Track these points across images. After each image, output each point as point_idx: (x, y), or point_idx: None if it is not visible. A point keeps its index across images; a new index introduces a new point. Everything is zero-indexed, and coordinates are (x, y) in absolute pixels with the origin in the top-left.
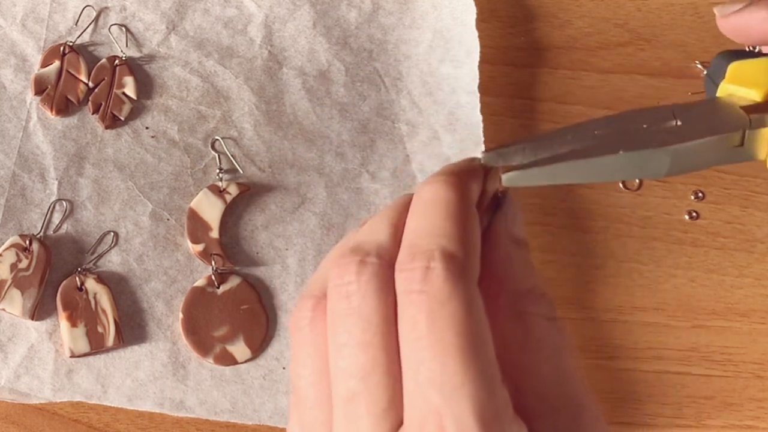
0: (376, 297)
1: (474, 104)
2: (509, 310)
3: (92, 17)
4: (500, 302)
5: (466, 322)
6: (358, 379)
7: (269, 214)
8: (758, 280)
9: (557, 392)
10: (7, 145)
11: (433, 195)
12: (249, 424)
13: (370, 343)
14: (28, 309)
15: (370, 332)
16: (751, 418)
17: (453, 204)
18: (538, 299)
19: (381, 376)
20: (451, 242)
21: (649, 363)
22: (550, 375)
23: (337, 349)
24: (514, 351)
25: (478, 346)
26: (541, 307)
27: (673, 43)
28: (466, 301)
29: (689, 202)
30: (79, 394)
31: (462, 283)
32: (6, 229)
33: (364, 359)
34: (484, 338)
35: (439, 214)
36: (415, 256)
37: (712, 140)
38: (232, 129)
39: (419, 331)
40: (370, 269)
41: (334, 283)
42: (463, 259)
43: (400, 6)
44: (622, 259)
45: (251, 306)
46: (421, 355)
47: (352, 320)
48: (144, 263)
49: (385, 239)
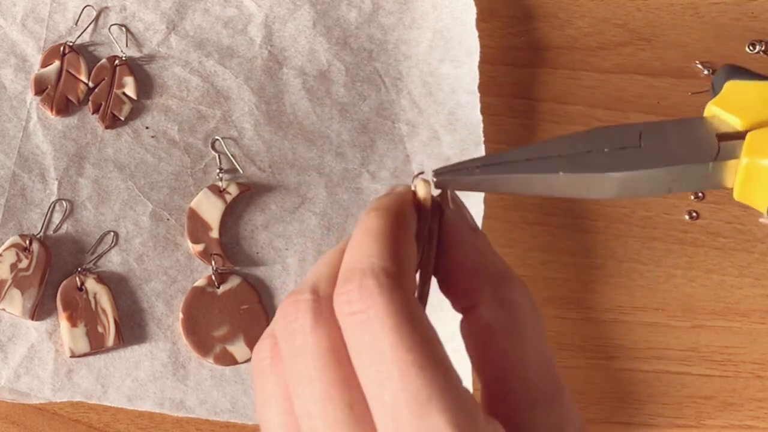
0: (316, 332)
1: (474, 104)
2: (492, 298)
3: (92, 17)
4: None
5: (414, 335)
6: (315, 415)
7: (269, 214)
8: (758, 280)
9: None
10: (7, 145)
11: (363, 227)
12: (249, 424)
13: (320, 378)
14: (28, 309)
15: (318, 368)
16: (751, 418)
17: (382, 228)
18: (516, 283)
19: (335, 408)
20: (382, 259)
21: (649, 363)
22: (535, 361)
23: (294, 389)
24: (501, 339)
25: (433, 355)
26: (521, 291)
27: (673, 43)
28: (408, 313)
29: (689, 202)
30: (79, 394)
31: (398, 294)
32: (6, 229)
33: (319, 395)
34: (436, 346)
35: (368, 240)
36: (349, 279)
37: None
38: (232, 129)
39: (370, 355)
40: (304, 306)
41: (279, 327)
42: (396, 272)
43: (400, 6)
44: (622, 259)
45: (251, 306)
46: (379, 378)
47: (299, 359)
48: (144, 263)
49: (318, 277)
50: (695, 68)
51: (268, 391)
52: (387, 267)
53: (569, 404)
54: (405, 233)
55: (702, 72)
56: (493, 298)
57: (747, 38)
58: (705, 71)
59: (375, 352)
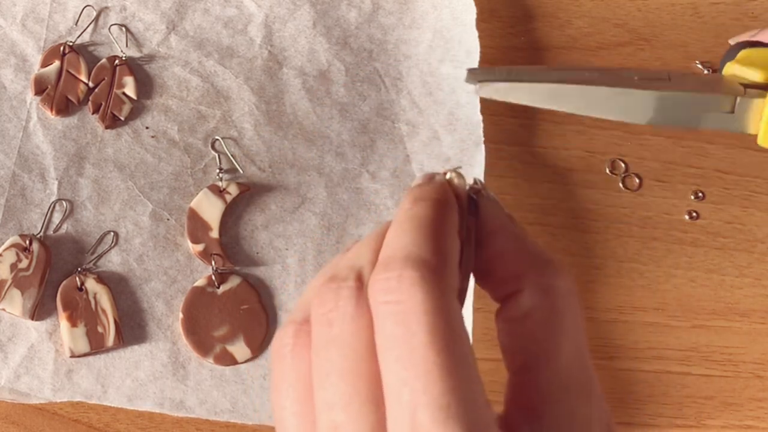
0: (355, 322)
1: (474, 104)
2: (535, 285)
3: (92, 17)
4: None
5: (448, 336)
6: (340, 409)
7: (269, 214)
8: (758, 280)
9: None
10: (7, 145)
11: (408, 215)
12: (249, 424)
13: (351, 371)
14: (28, 309)
15: (351, 359)
16: (751, 418)
17: (428, 219)
18: (560, 269)
19: (362, 405)
20: (425, 250)
21: (649, 363)
22: (571, 351)
23: (320, 380)
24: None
25: (462, 361)
26: (565, 279)
27: (673, 43)
28: (446, 311)
29: (689, 202)
30: (79, 394)
31: (438, 290)
32: (6, 229)
33: (345, 388)
34: (466, 351)
35: (413, 229)
36: (389, 266)
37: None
38: (232, 129)
39: (398, 349)
40: (346, 293)
41: (315, 312)
42: (438, 266)
43: (400, 6)
44: (622, 259)
45: (251, 306)
46: (403, 375)
47: (333, 348)
48: (144, 263)
49: (363, 263)
50: (695, 68)
51: (286, 378)
52: (430, 259)
53: (599, 400)
54: (451, 227)
55: (702, 72)
56: (536, 284)
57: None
58: (705, 71)
59: (404, 347)
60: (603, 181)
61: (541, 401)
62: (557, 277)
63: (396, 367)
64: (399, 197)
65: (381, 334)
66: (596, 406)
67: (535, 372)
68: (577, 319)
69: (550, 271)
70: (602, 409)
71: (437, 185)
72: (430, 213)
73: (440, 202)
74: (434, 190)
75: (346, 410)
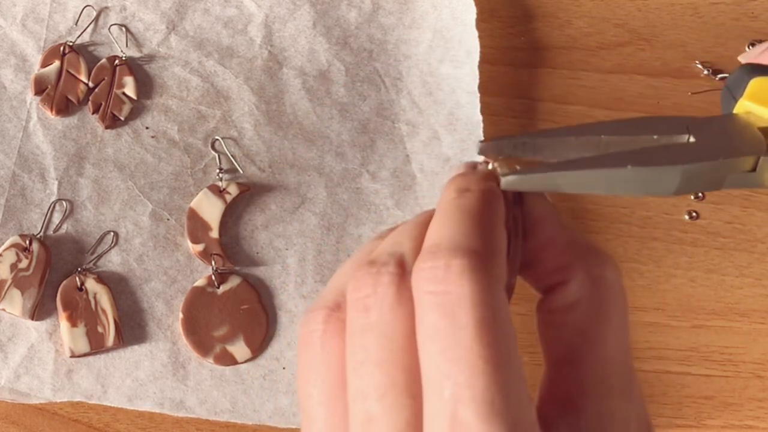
0: (395, 310)
1: (474, 104)
2: (584, 275)
3: (92, 17)
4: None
5: (496, 329)
6: (375, 399)
7: (269, 214)
8: (758, 280)
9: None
10: (7, 145)
11: (455, 204)
12: (249, 424)
13: (388, 361)
14: (28, 309)
15: (389, 348)
16: (751, 418)
17: (476, 209)
18: (608, 259)
19: (398, 396)
20: (473, 240)
21: (649, 363)
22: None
23: (354, 368)
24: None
25: (510, 357)
26: (613, 270)
27: (673, 43)
28: (495, 304)
29: (689, 202)
30: (79, 394)
31: (486, 281)
32: (6, 229)
33: (381, 378)
34: (514, 347)
35: (461, 219)
36: (435, 254)
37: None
38: (232, 129)
39: (442, 340)
40: (387, 280)
41: (351, 297)
42: (487, 256)
43: (400, 6)
44: (622, 259)
45: (251, 306)
46: (446, 368)
47: (371, 336)
48: (144, 263)
49: (404, 251)
50: (695, 68)
51: (315, 366)
52: (479, 249)
53: (639, 400)
54: (499, 217)
55: (702, 72)
56: (586, 274)
57: (747, 38)
58: (705, 71)
59: (450, 339)
60: None
61: (579, 395)
62: (606, 267)
63: (439, 360)
64: (399, 197)
65: (424, 325)
66: (636, 405)
67: (576, 364)
68: (623, 312)
69: (599, 262)
70: (642, 409)
71: (482, 175)
72: (477, 203)
73: (486, 192)
74: (480, 180)
75: (381, 401)
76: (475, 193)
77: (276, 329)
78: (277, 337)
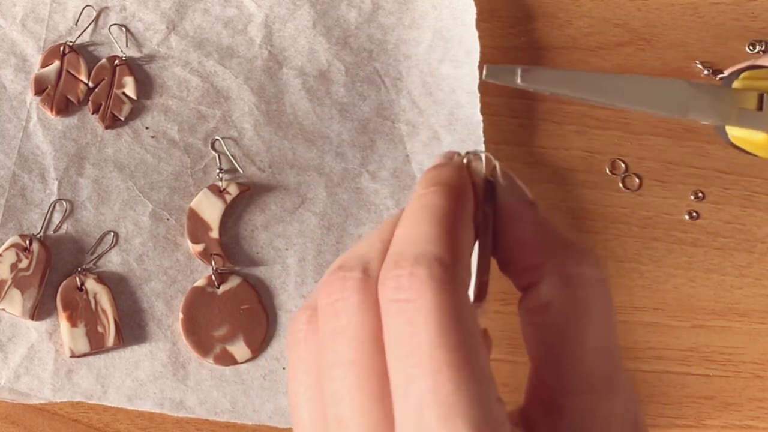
0: (361, 314)
1: (474, 104)
2: (555, 275)
3: (92, 17)
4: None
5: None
6: (345, 402)
7: (269, 214)
8: (758, 280)
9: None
10: (7, 145)
11: (421, 203)
12: (249, 424)
13: (356, 363)
14: (28, 309)
15: (356, 352)
16: (751, 418)
17: (441, 209)
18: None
19: (367, 399)
20: (438, 247)
21: (649, 363)
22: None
23: (325, 371)
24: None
25: (472, 359)
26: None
27: (673, 43)
28: (455, 310)
29: (689, 202)
30: (79, 394)
31: (449, 287)
32: (6, 229)
33: (351, 381)
34: (478, 350)
35: (426, 221)
36: (399, 262)
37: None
38: (232, 129)
39: (406, 347)
40: (352, 284)
41: (321, 302)
42: (451, 264)
43: (400, 6)
44: (622, 259)
45: (251, 306)
46: (411, 373)
47: (339, 339)
48: (144, 263)
49: (372, 254)
50: (695, 68)
51: (301, 365)
52: (442, 256)
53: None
54: (465, 216)
55: (702, 72)
56: (556, 274)
57: (747, 38)
58: (705, 71)
59: (412, 345)
60: (603, 181)
61: (560, 395)
62: (580, 265)
63: (403, 365)
64: (399, 197)
65: (389, 332)
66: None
67: (555, 365)
68: (604, 309)
69: (572, 260)
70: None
71: (453, 169)
72: (444, 202)
73: (454, 188)
74: (450, 175)
75: (351, 404)
76: (442, 190)
77: (276, 329)
78: (277, 337)
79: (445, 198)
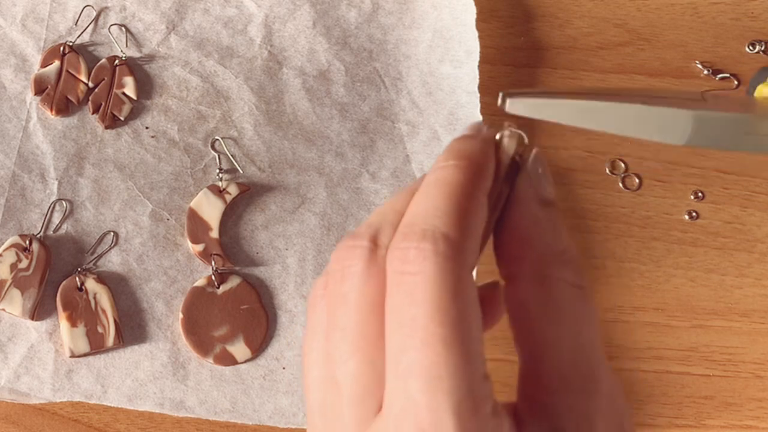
0: (364, 281)
1: (474, 104)
2: (533, 275)
3: (92, 17)
4: (523, 265)
5: (453, 310)
6: (339, 363)
7: (269, 214)
8: (758, 280)
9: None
10: (7, 145)
11: (438, 177)
12: (249, 424)
13: (354, 329)
14: (28, 309)
15: (355, 317)
16: (751, 418)
17: (456, 186)
18: (566, 263)
19: (359, 363)
20: (447, 223)
21: (649, 363)
22: (569, 347)
23: (329, 333)
24: (535, 319)
25: (464, 336)
26: (567, 272)
27: (673, 43)
28: (455, 287)
29: (689, 202)
30: (79, 394)
31: (452, 265)
32: (6, 229)
33: (348, 345)
34: (471, 328)
35: (439, 196)
36: (407, 235)
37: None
38: (232, 129)
39: (403, 317)
40: (359, 252)
41: (331, 267)
42: (458, 242)
43: (400, 6)
44: (622, 259)
45: (251, 306)
46: (404, 343)
47: (343, 305)
48: (144, 263)
49: (383, 224)
50: (695, 68)
51: (315, 326)
52: (450, 234)
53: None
54: (479, 195)
55: (702, 72)
56: (534, 273)
57: (747, 38)
58: (705, 71)
59: (409, 316)
60: (603, 181)
61: (542, 393)
62: (560, 269)
63: (399, 334)
64: None
65: (390, 301)
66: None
67: (537, 363)
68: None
69: (553, 263)
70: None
71: (479, 144)
72: (460, 178)
73: (474, 164)
74: (473, 150)
75: (344, 366)
76: (461, 166)
77: (276, 329)
78: (277, 337)
79: (463, 174)
